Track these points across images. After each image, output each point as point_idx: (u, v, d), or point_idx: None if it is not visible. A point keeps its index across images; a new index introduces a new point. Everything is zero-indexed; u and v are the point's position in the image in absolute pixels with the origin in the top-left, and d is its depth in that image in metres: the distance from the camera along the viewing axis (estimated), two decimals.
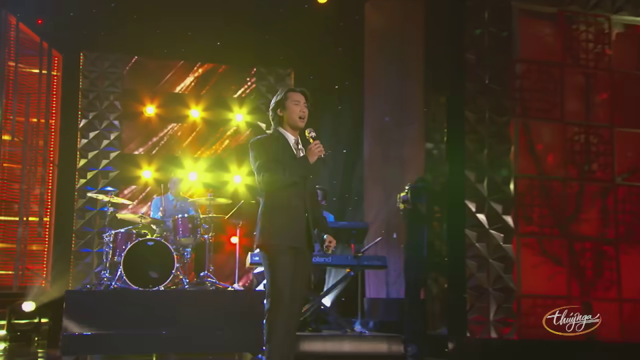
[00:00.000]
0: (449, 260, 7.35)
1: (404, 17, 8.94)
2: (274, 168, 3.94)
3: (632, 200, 7.74)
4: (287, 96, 4.10)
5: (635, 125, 7.90)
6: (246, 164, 9.06)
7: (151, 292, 6.38)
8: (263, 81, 9.33)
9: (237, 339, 6.45)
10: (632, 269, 7.63)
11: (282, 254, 3.97)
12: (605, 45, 7.75)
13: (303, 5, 8.79)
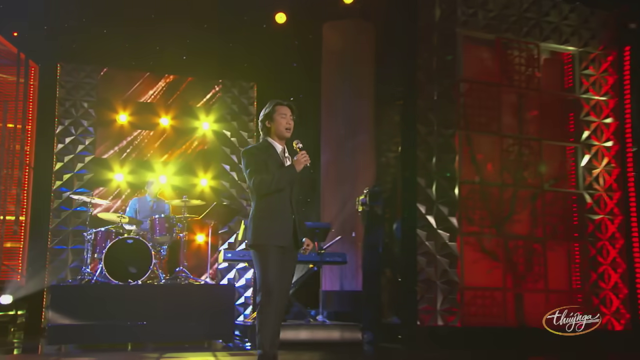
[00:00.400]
0: (402, 256, 7.79)
1: (358, 38, 9.30)
2: (264, 176, 4.11)
3: (557, 204, 8.38)
4: (275, 109, 4.25)
5: (560, 138, 8.58)
6: (212, 169, 9.36)
7: (130, 286, 6.54)
8: (228, 93, 9.47)
9: (209, 328, 6.66)
10: (556, 264, 8.32)
11: (272, 252, 4.12)
12: (535, 69, 8.43)
13: (262, 25, 9.12)
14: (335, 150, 9.21)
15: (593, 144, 8.53)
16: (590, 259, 8.31)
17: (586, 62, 8.66)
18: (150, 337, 6.44)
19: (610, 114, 8.62)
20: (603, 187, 8.46)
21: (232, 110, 9.41)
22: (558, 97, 8.78)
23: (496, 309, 7.98)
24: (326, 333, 7.00)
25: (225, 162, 9.29)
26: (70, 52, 8.52)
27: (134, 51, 8.83)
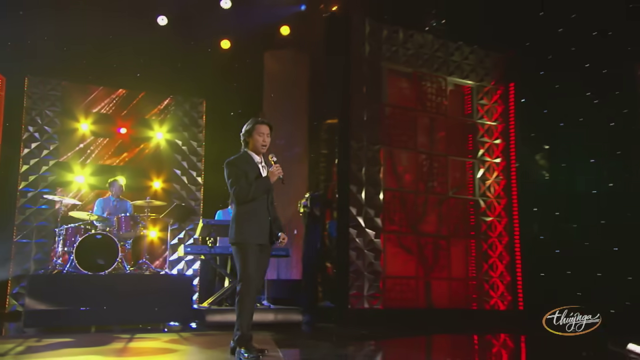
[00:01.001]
0: (336, 250, 8.33)
1: (294, 65, 9.78)
2: (244, 186, 4.40)
3: (459, 208, 9.21)
4: (255, 128, 4.54)
5: (461, 155, 9.39)
6: (164, 173, 9.71)
7: (99, 275, 6.78)
8: (180, 107, 9.79)
9: (168, 312, 6.99)
10: (458, 257, 9.16)
11: (251, 249, 4.40)
12: (442, 98, 9.21)
13: (208, 49, 9.63)
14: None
15: (486, 160, 9.44)
16: (482, 253, 9.21)
17: (481, 94, 9.57)
18: (116, 320, 6.70)
19: (499, 136, 9.55)
20: (493, 194, 9.40)
21: (183, 122, 9.73)
22: (460, 122, 9.52)
23: (410, 293, 8.66)
24: (272, 315, 7.28)
25: (177, 167, 9.57)
26: (37, 66, 8.65)
27: (93, 67, 9.07)
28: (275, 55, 9.86)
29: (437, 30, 9.27)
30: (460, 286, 9.22)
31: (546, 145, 9.45)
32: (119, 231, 7.48)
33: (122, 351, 5.38)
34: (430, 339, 7.20)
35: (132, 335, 6.22)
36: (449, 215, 9.18)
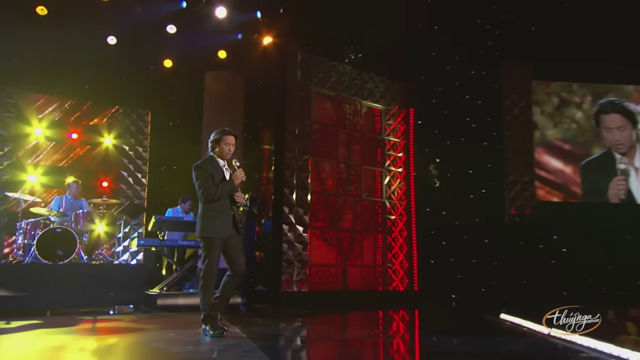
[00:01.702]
0: (271, 243, 8.57)
1: (232, 85, 9.74)
2: (212, 187, 4.44)
3: (370, 208, 9.73)
4: (222, 138, 4.59)
5: (372, 164, 9.88)
6: (111, 174, 9.57)
7: (58, 265, 6.65)
8: (128, 117, 9.68)
9: (123, 297, 6.96)
10: (368, 248, 9.64)
11: (215, 243, 4.48)
12: (358, 118, 9.69)
13: (151, 67, 9.49)
14: None
15: (391, 169, 10.00)
16: (387, 245, 9.76)
17: (388, 115, 10.13)
18: (75, 304, 6.59)
19: (402, 150, 10.13)
20: (396, 197, 9.97)
21: (130, 130, 9.66)
22: (371, 138, 9.98)
23: (331, 278, 9.05)
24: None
25: (124, 169, 9.51)
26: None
27: (47, 78, 8.83)
28: (214, 76, 9.83)
29: (355, 62, 9.66)
30: (370, 272, 9.65)
31: (437, 158, 10.14)
32: (77, 225, 7.38)
33: (94, 330, 5.37)
34: (346, 315, 7.48)
35: (94, 318, 6.16)
36: (362, 214, 9.60)
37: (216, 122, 9.58)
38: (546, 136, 10.53)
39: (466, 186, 9.92)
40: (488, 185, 10.12)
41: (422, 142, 10.15)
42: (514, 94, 10.37)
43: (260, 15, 9.13)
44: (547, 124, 10.56)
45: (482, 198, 10.04)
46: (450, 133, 10.01)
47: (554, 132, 10.57)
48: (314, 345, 5.23)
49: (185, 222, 7.76)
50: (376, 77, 9.93)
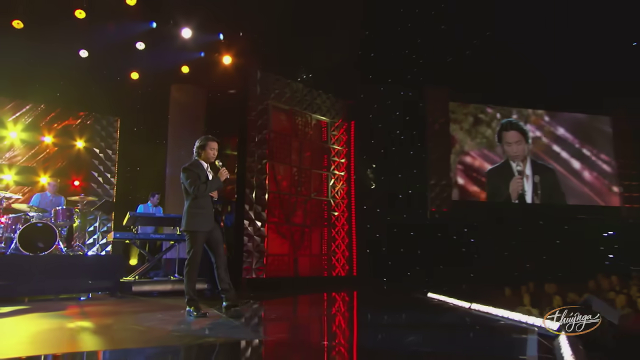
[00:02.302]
0: (233, 236, 8.62)
1: (195, 97, 9.97)
2: (201, 184, 4.57)
3: (318, 206, 10.07)
4: (207, 144, 4.76)
5: (320, 169, 10.18)
6: (83, 174, 9.43)
7: (40, 256, 6.55)
8: (98, 122, 9.57)
9: (99, 284, 6.89)
10: (316, 240, 9.98)
11: (199, 236, 4.56)
12: (308, 129, 10.04)
13: (117, 78, 9.36)
14: (178, 167, 9.30)
15: (336, 173, 10.38)
16: (331, 237, 10.15)
17: (334, 127, 10.52)
18: (56, 291, 6.52)
19: (344, 157, 10.56)
20: (339, 196, 10.38)
21: (101, 134, 9.60)
22: (319, 146, 10.31)
23: (284, 266, 9.34)
24: (183, 285, 7.31)
25: (94, 170, 9.44)
26: None
27: (19, 86, 8.62)
28: (179, 88, 9.93)
29: (306, 81, 10.02)
30: (317, 260, 10.03)
31: (373, 164, 10.77)
32: (57, 220, 7.30)
33: (85, 313, 5.30)
34: (297, 297, 7.74)
35: (78, 302, 6.11)
36: (310, 211, 9.98)
37: (180, 129, 9.99)
38: (463, 148, 11.53)
39: (396, 188, 10.67)
40: (414, 187, 10.90)
41: (361, 151, 10.65)
42: (435, 113, 11.25)
43: (222, 37, 9.25)
44: (465, 138, 11.57)
45: (409, 198, 10.83)
46: (384, 143, 10.72)
47: (470, 144, 11.59)
48: (282, 321, 5.51)
49: (157, 218, 7.88)
50: (324, 95, 10.32)
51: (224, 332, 4.24)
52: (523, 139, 11.98)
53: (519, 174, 11.66)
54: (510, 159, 11.76)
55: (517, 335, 4.34)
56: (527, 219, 11.34)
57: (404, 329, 4.84)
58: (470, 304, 6.14)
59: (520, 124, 12.06)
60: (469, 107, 11.77)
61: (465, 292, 7.15)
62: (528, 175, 11.78)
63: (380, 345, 3.98)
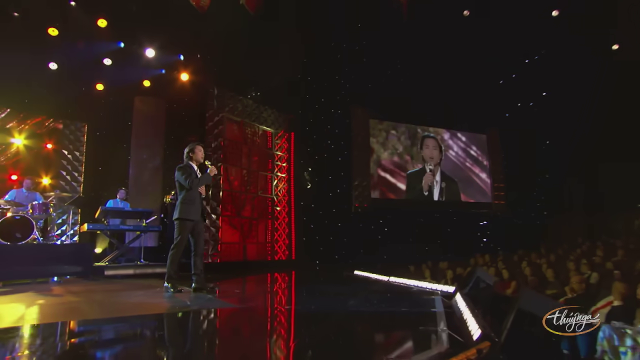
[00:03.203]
0: None
1: (156, 107, 9.82)
2: (195, 179, 4.67)
3: (263, 202, 10.37)
4: (195, 148, 4.89)
5: (265, 171, 10.48)
6: (51, 172, 9.03)
7: (18, 245, 6.32)
8: (68, 128, 9.19)
9: (73, 269, 6.68)
10: (261, 230, 10.33)
11: (187, 224, 4.65)
12: (256, 137, 10.37)
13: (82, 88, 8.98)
14: (140, 168, 9.59)
15: (278, 175, 10.77)
16: (274, 227, 10.53)
17: (277, 137, 10.89)
18: (33, 275, 6.21)
19: (285, 161, 10.93)
20: (281, 194, 10.78)
21: (69, 138, 9.25)
22: (265, 152, 10.64)
23: (235, 252, 9.62)
24: (149, 269, 7.19)
25: (62, 169, 9.10)
26: None
27: None
28: (142, 99, 9.80)
29: (255, 97, 10.33)
30: (262, 247, 10.38)
31: (309, 168, 11.33)
32: (33, 214, 7.06)
33: (72, 292, 5.21)
34: (246, 278, 7.84)
35: (58, 284, 5.98)
36: (257, 206, 10.31)
37: (142, 135, 9.94)
38: (380, 157, 12.50)
39: (327, 187, 11.35)
40: (341, 187, 11.65)
41: (299, 157, 11.12)
42: (358, 127, 12.11)
43: (182, 58, 9.33)
44: (380, 149, 12.55)
45: (337, 196, 11.56)
46: (318, 151, 11.32)
47: (384, 154, 12.59)
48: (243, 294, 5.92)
49: (126, 211, 7.87)
50: (269, 109, 10.65)
51: (201, 303, 4.46)
52: (438, 148, 13.25)
53: (430, 171, 12.91)
54: (426, 161, 12.96)
55: (426, 297, 4.91)
56: (429, 213, 12.57)
57: (340, 296, 5.22)
58: (388, 277, 6.82)
59: (435, 137, 13.33)
60: (384, 124, 12.80)
61: (382, 270, 7.71)
62: (437, 181, 13.06)
63: (327, 306, 4.37)
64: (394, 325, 3.56)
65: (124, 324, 3.62)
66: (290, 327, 3.56)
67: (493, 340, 2.56)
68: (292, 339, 3.11)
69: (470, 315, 3.34)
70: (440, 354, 2.31)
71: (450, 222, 12.72)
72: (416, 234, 11.95)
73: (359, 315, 3.97)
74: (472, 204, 13.51)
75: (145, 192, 9.58)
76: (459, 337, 2.75)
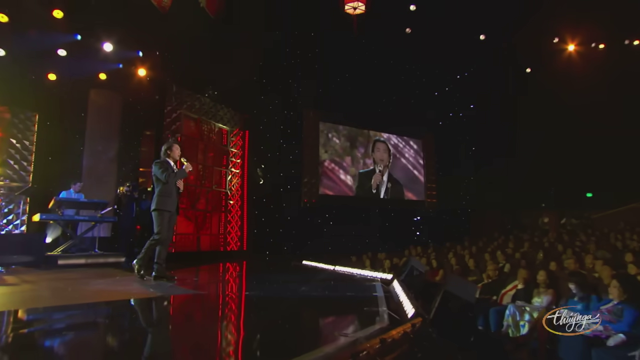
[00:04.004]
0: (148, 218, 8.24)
1: (111, 101, 9.39)
2: (171, 173, 4.69)
3: (217, 195, 10.29)
4: (173, 146, 4.89)
5: (220, 166, 10.42)
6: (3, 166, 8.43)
7: None
8: (16, 116, 8.52)
9: (24, 258, 6.44)
10: (215, 222, 10.32)
11: (165, 215, 4.64)
12: (212, 134, 10.31)
13: (32, 77, 8.36)
14: (95, 159, 9.26)
15: (232, 170, 10.80)
16: (228, 220, 10.57)
17: (232, 134, 10.90)
18: None
19: (240, 158, 10.95)
20: (235, 189, 10.82)
21: (18, 127, 8.60)
22: (221, 148, 10.63)
23: (189, 243, 9.60)
24: (102, 259, 7.12)
25: (11, 158, 8.48)
26: None
27: None
28: (97, 92, 9.36)
29: (213, 96, 10.27)
30: (215, 238, 10.38)
31: (262, 165, 11.44)
32: None
33: (24, 280, 5.02)
34: (199, 268, 7.78)
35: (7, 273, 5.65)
36: (212, 199, 10.29)
37: (97, 127, 9.56)
38: (328, 157, 12.90)
39: (278, 183, 11.54)
40: (291, 183, 11.91)
41: (253, 154, 11.21)
42: (308, 129, 12.43)
43: (141, 54, 9.02)
44: (328, 149, 12.94)
45: (288, 191, 11.81)
46: (270, 149, 11.49)
47: (329, 154, 12.99)
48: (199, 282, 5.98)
49: (81, 202, 7.60)
50: (226, 108, 10.64)
51: (162, 290, 4.48)
52: (387, 151, 13.87)
53: (379, 172, 13.51)
54: (377, 163, 13.55)
55: (368, 284, 5.26)
56: (370, 209, 13.20)
57: (290, 283, 5.35)
58: (334, 266, 7.17)
59: (386, 141, 13.92)
60: (333, 127, 13.21)
61: (328, 260, 8.07)
62: (384, 181, 13.70)
63: (277, 292, 4.57)
64: (341, 307, 3.85)
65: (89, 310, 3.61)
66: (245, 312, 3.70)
67: (424, 317, 2.95)
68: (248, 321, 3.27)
69: (406, 298, 3.74)
70: (382, 328, 2.64)
71: (389, 217, 13.47)
72: (359, 227, 12.53)
73: (309, 300, 4.20)
74: (409, 202, 14.34)
75: (100, 183, 9.22)
76: (397, 316, 3.11)
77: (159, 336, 2.84)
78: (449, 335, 2.92)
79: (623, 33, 12.57)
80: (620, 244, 8.45)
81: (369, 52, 12.04)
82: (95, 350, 2.45)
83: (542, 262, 6.80)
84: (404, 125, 14.02)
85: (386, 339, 2.34)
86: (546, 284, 5.14)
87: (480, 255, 8.38)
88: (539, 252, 8.02)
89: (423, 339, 2.60)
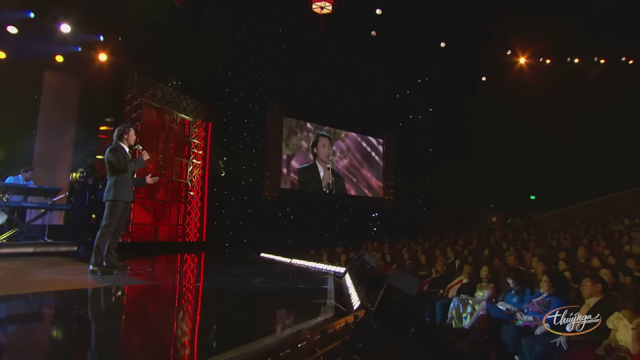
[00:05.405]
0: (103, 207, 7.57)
1: (69, 84, 8.93)
2: (129, 162, 4.51)
3: (178, 186, 10.00)
4: (129, 131, 4.66)
5: (181, 157, 10.17)
6: None
7: None
8: None
9: None
10: (174, 213, 10.08)
11: (118, 206, 4.45)
12: (174, 124, 9.90)
13: None
14: (48, 145, 8.78)
15: (194, 162, 10.57)
16: (187, 211, 10.34)
17: (195, 125, 10.64)
18: None
19: (202, 149, 10.73)
20: (196, 180, 10.58)
21: None
22: (182, 139, 10.36)
23: (147, 233, 9.32)
24: (52, 247, 6.86)
25: None
26: None
27: None
28: (53, 75, 8.84)
29: (176, 86, 9.95)
30: (174, 229, 10.14)
31: (224, 157, 11.26)
32: None
33: None
34: (156, 258, 7.57)
35: None
36: (171, 190, 10.02)
37: (52, 112, 9.07)
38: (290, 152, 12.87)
39: (240, 176, 11.41)
40: (254, 177, 11.81)
41: (215, 146, 10.98)
42: (272, 123, 12.36)
43: (102, 39, 8.59)
44: (288, 144, 12.91)
45: (249, 184, 11.70)
46: (233, 142, 11.34)
47: (291, 149, 12.98)
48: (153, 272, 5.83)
49: (30, 188, 7.25)
50: (189, 99, 10.35)
51: (112, 280, 4.38)
52: (330, 146, 13.95)
53: (328, 169, 13.58)
54: (321, 160, 13.59)
55: (321, 276, 5.27)
56: (330, 204, 13.32)
57: (246, 275, 5.30)
58: (291, 259, 7.20)
59: (328, 136, 14.00)
60: (296, 123, 13.20)
61: (286, 253, 8.09)
62: (329, 176, 13.79)
63: (233, 284, 4.52)
64: (291, 299, 3.90)
65: (31, 301, 3.44)
66: (197, 302, 3.66)
67: (368, 309, 3.03)
68: (199, 312, 3.24)
69: (354, 291, 3.82)
70: (327, 319, 2.69)
71: (348, 213, 13.66)
72: (318, 222, 12.64)
73: (262, 291, 4.21)
74: (366, 198, 14.60)
75: (53, 170, 8.76)
76: (343, 308, 3.18)
77: (104, 327, 2.75)
78: (389, 327, 3.01)
79: (566, 51, 13.47)
80: (555, 243, 9.04)
81: (336, 51, 12.14)
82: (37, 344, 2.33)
83: (487, 258, 7.15)
84: (366, 124, 14.23)
85: (327, 330, 2.38)
86: (488, 279, 5.43)
87: (431, 251, 8.68)
88: (485, 249, 8.42)
89: (364, 330, 2.67)
